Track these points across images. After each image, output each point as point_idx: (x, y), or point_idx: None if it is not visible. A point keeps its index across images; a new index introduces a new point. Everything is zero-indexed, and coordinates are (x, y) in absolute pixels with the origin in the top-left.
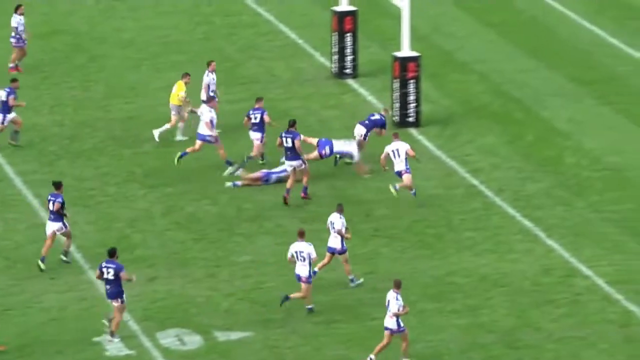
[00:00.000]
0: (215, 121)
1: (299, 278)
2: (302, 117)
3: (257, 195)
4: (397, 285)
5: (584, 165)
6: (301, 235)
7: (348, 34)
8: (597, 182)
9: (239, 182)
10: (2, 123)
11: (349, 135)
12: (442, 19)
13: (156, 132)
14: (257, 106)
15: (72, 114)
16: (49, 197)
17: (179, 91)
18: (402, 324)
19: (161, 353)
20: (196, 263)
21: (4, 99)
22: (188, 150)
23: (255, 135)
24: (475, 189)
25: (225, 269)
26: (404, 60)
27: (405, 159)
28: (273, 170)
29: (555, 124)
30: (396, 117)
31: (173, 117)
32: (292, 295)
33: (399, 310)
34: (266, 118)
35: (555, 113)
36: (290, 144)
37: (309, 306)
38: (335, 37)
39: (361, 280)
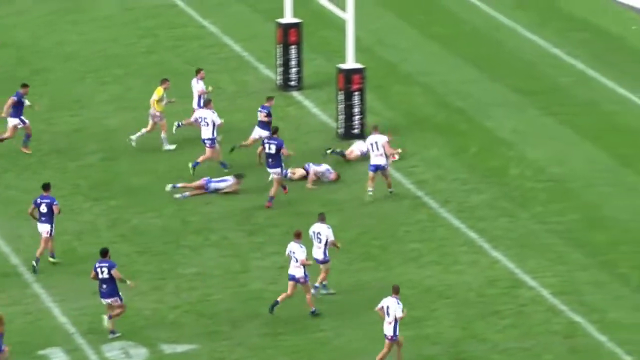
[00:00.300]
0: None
1: (292, 278)
2: (246, 129)
3: (202, 208)
4: (396, 291)
5: (528, 176)
6: (297, 236)
7: (292, 46)
8: (541, 193)
9: (187, 193)
10: (24, 123)
11: (292, 147)
12: (386, 31)
13: (170, 147)
14: (265, 104)
15: None
16: (39, 200)
17: (159, 96)
18: (397, 332)
19: None
20: (142, 276)
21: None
22: (200, 159)
23: (262, 133)
24: (420, 201)
25: (171, 281)
26: (349, 72)
27: (385, 153)
28: (214, 179)
29: (499, 134)
30: (341, 130)
31: (162, 123)
32: (310, 306)
33: (403, 314)
34: (261, 116)
35: (499, 124)
36: (273, 151)
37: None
38: (279, 49)
39: (332, 290)
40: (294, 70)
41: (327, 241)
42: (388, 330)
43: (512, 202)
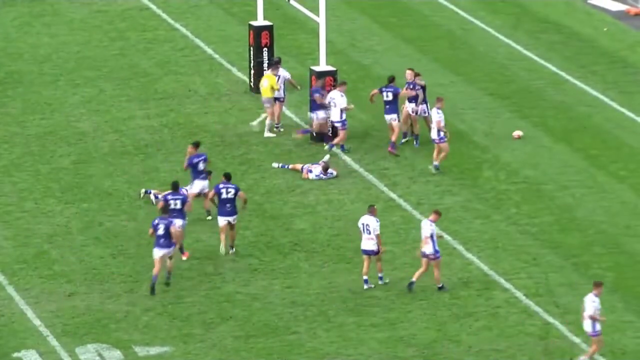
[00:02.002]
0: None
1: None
2: (219, 132)
3: None
4: (597, 285)
5: (501, 178)
6: (437, 213)
7: (265, 49)
8: (514, 195)
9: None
10: (316, 119)
11: (266, 149)
12: (359, 34)
13: (255, 123)
14: (409, 80)
15: None
16: (196, 159)
17: (271, 83)
18: (597, 328)
19: None
20: (115, 278)
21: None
22: (334, 142)
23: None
24: (393, 203)
25: (144, 283)
26: (321, 75)
27: (437, 129)
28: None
29: (473, 137)
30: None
31: (268, 109)
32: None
33: (594, 313)
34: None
35: (472, 126)
36: (390, 98)
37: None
38: (252, 52)
39: (387, 280)
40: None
41: (375, 232)
42: (586, 325)
43: (485, 204)
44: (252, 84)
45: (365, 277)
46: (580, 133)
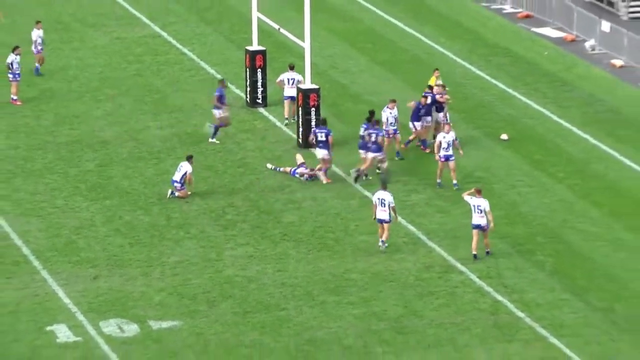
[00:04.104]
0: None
1: (477, 227)
2: (220, 139)
3: (183, 206)
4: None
5: (459, 179)
6: (479, 192)
7: (259, 70)
8: None
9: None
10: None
11: (260, 155)
12: (339, 57)
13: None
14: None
15: (25, 139)
16: (316, 130)
17: (432, 83)
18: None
19: (104, 339)
20: (132, 264)
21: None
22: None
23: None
24: (367, 200)
25: (157, 268)
26: (307, 92)
27: (451, 147)
28: (174, 177)
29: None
30: (301, 140)
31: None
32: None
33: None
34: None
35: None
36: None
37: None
38: (248, 72)
39: (386, 245)
40: (260, 90)
41: (389, 205)
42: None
43: (445, 201)
44: (247, 99)
45: (381, 240)
46: (525, 141)
